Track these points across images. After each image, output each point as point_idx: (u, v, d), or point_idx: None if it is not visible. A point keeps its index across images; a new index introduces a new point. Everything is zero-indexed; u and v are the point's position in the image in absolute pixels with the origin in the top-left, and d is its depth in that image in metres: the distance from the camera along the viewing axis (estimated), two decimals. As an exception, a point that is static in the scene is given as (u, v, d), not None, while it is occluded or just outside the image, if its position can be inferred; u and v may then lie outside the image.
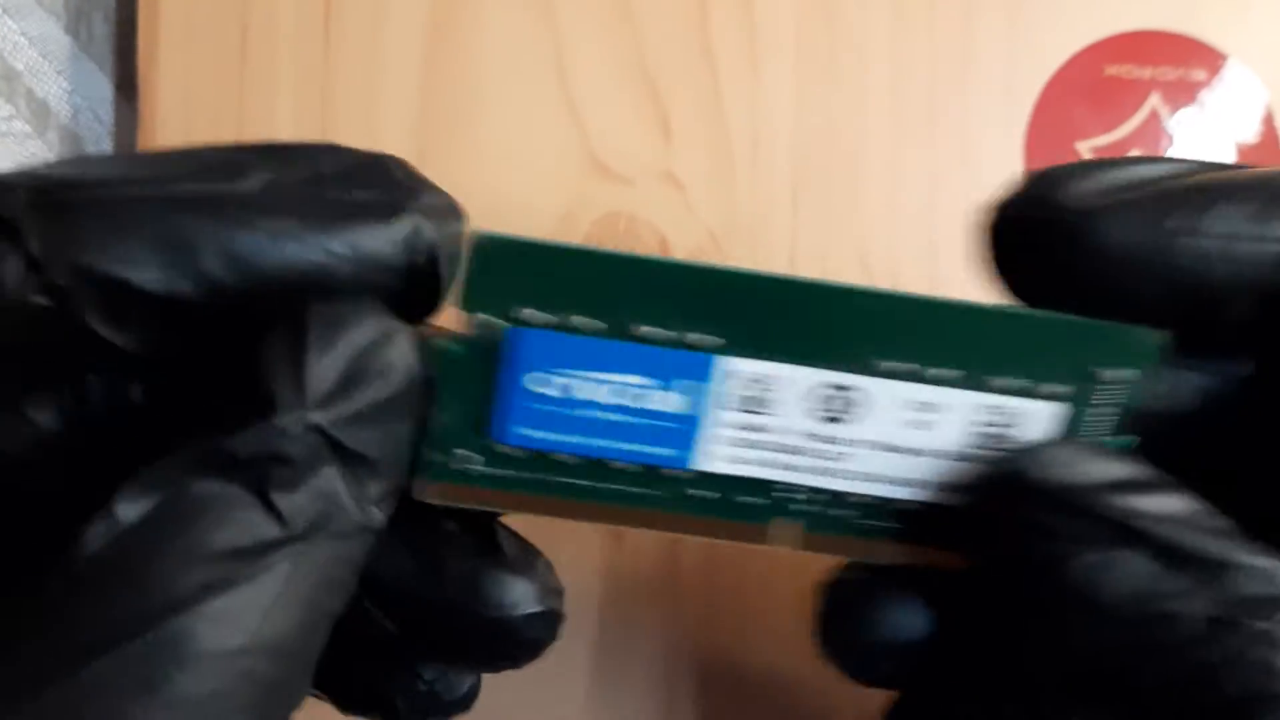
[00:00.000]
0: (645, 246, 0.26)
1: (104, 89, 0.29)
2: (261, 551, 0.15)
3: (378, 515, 0.16)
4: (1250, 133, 0.26)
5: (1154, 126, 0.26)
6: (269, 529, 0.15)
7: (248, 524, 0.15)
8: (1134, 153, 0.26)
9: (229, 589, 0.15)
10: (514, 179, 0.26)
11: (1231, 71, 0.26)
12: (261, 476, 0.15)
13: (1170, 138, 0.26)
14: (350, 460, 0.15)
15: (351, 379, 0.16)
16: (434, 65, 0.26)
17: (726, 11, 0.26)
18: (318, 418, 0.15)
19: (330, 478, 0.15)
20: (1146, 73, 0.26)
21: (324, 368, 0.15)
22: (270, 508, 0.15)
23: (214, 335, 0.17)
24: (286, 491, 0.15)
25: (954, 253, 0.26)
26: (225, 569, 0.15)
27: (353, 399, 0.15)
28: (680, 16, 0.26)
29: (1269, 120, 0.26)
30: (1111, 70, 0.26)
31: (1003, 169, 0.26)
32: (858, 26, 0.26)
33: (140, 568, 0.15)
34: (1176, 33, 0.26)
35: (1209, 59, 0.26)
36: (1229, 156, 0.26)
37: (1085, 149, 0.26)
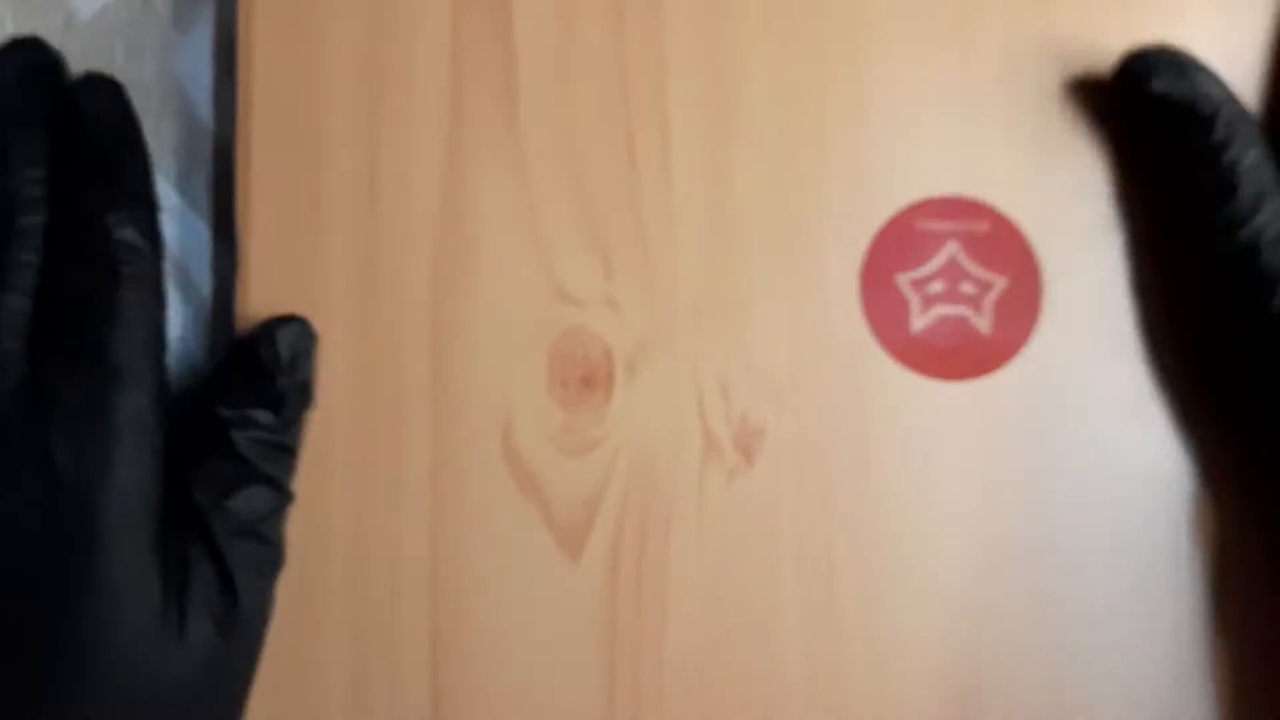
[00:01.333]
0: (592, 349, 0.36)
1: (204, 235, 0.39)
2: None
3: None
4: (1012, 269, 0.37)
5: (953, 265, 0.37)
6: None
7: None
8: (936, 285, 0.37)
9: None
10: (508, 305, 0.36)
11: (1004, 222, 0.37)
12: None
13: (965, 272, 0.36)
14: None
15: None
16: (447, 227, 0.36)
17: (651, 184, 0.36)
18: None
19: None
20: (946, 226, 0.37)
21: None
22: None
23: None
24: None
25: (813, 354, 0.36)
26: None
27: None
28: (619, 186, 0.36)
29: (1029, 254, 0.37)
30: (921, 225, 0.37)
31: (847, 293, 0.36)
32: (745, 192, 0.37)
33: None
34: (968, 197, 0.37)
35: (989, 215, 0.37)
36: (998, 285, 0.36)
37: (903, 280, 0.36)
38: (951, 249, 0.36)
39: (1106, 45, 0.36)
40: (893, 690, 0.35)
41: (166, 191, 0.39)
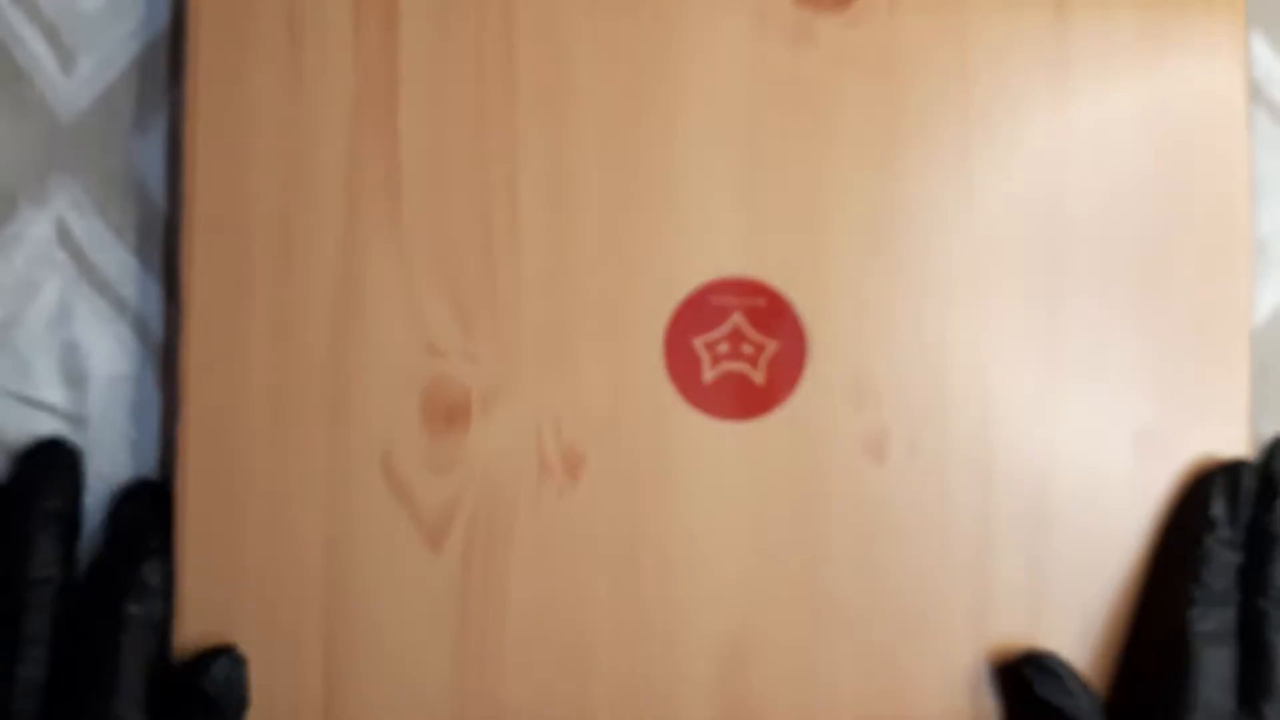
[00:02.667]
0: (455, 392, 0.45)
1: (157, 292, 0.48)
2: None
3: None
4: (783, 336, 0.46)
5: (736, 331, 0.46)
6: None
7: None
8: (723, 346, 0.46)
9: None
10: (390, 357, 0.45)
11: (777, 298, 0.46)
12: None
13: (745, 337, 0.46)
14: None
15: None
16: (343, 294, 0.45)
17: (503, 262, 0.45)
18: None
19: None
20: (733, 300, 0.46)
21: None
22: None
23: None
24: None
25: (626, 398, 0.45)
26: None
27: None
28: (478, 264, 0.45)
29: (798, 324, 0.46)
30: (712, 299, 0.46)
31: (653, 350, 0.46)
32: (576, 270, 0.46)
33: None
34: (747, 278, 0.46)
35: (765, 292, 0.46)
36: (771, 347, 0.46)
37: (698, 341, 0.46)
38: (736, 319, 0.46)
39: (874, 137, 0.46)
40: (679, 660, 0.45)
41: (127, 259, 0.47)
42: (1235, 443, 0.46)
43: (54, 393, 0.46)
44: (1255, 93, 0.50)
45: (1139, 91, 0.47)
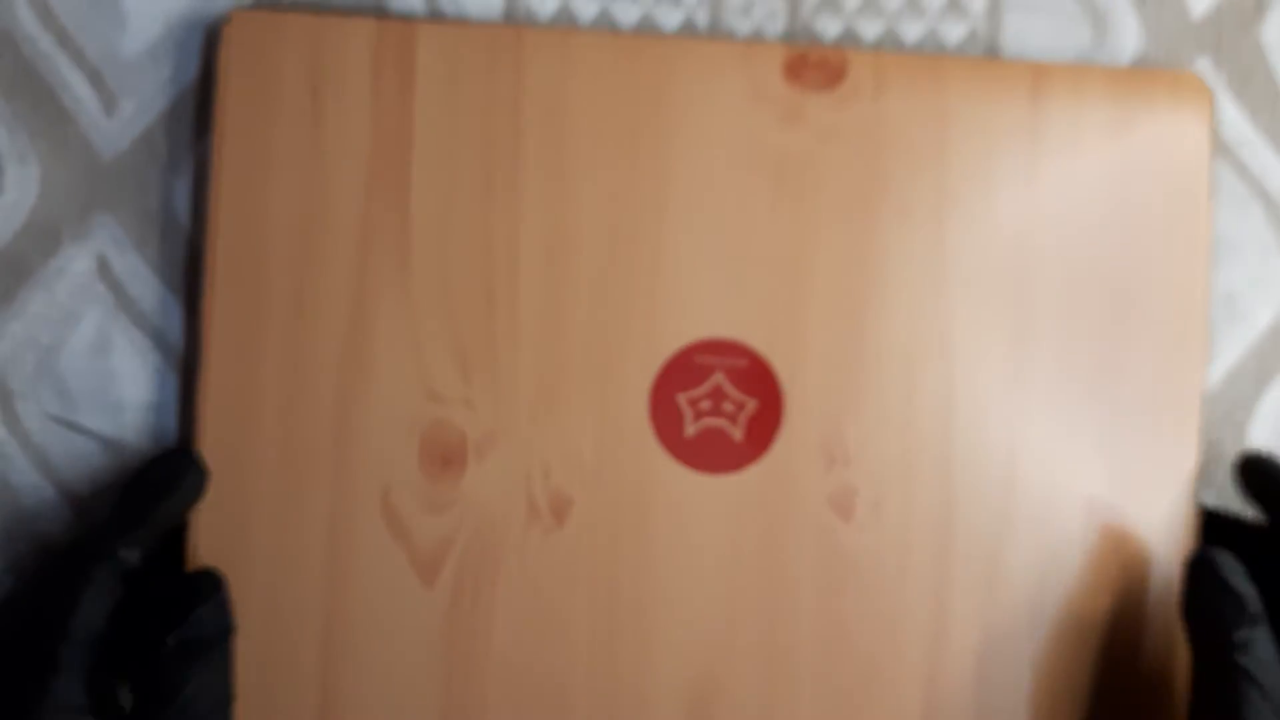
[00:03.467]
0: (452, 436, 0.48)
1: (179, 313, 0.51)
2: None
3: None
4: (762, 395, 0.48)
5: (718, 390, 0.48)
6: None
7: None
8: (705, 403, 0.48)
9: None
10: (392, 401, 0.48)
11: (757, 359, 0.48)
12: None
13: (727, 395, 0.48)
14: None
15: None
16: (351, 341, 0.48)
17: (503, 316, 0.48)
18: None
19: None
20: (714, 360, 0.48)
21: None
22: None
23: None
24: None
25: (612, 448, 0.48)
26: None
27: None
28: (479, 318, 0.48)
29: (775, 385, 0.48)
30: (696, 358, 0.48)
31: (639, 405, 0.48)
32: (570, 326, 0.48)
33: None
34: (730, 340, 0.48)
35: (747, 354, 0.48)
36: (750, 405, 0.48)
37: (681, 398, 0.48)
38: (718, 378, 0.48)
39: (854, 210, 0.48)
40: (650, 698, 0.48)
41: (163, 293, 0.50)
42: (1175, 515, 0.48)
43: (93, 418, 0.50)
44: (1226, 154, 0.51)
45: (1106, 168, 0.49)
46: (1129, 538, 0.48)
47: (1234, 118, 0.52)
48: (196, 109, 0.50)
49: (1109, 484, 0.48)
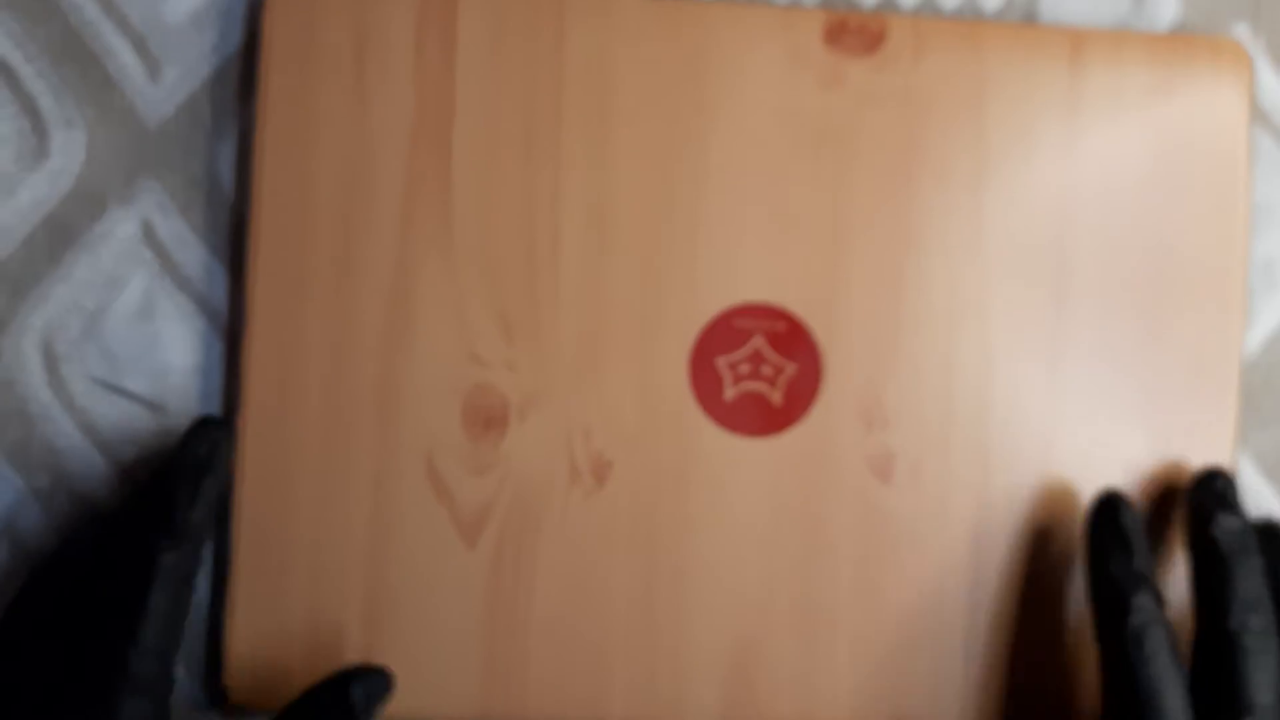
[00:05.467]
0: (494, 399, 0.48)
1: (223, 277, 0.51)
2: None
3: None
4: (801, 358, 0.48)
5: (757, 353, 0.48)
6: None
7: None
8: (744, 367, 0.48)
9: None
10: (435, 364, 0.48)
11: (796, 323, 0.48)
12: None
13: (765, 359, 0.48)
14: None
15: None
16: (395, 303, 0.48)
17: (544, 279, 0.48)
18: None
19: None
20: (755, 324, 0.48)
21: None
22: None
23: None
24: None
25: (652, 411, 0.48)
26: None
27: None
28: (521, 280, 0.48)
29: (814, 348, 0.48)
30: (736, 322, 0.48)
31: (679, 368, 0.48)
32: (610, 289, 0.48)
33: None
34: (769, 304, 0.48)
35: (785, 317, 0.48)
36: (790, 369, 0.48)
37: (721, 361, 0.48)
38: (757, 341, 0.48)
39: (892, 173, 0.48)
40: (689, 658, 0.48)
41: (207, 257, 0.51)
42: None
43: (138, 381, 0.50)
44: (1264, 120, 0.51)
45: (1145, 134, 0.49)
46: (1165, 502, 0.48)
47: (1272, 84, 0.52)
48: (241, 75, 0.50)
49: (1148, 449, 0.48)
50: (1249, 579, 0.44)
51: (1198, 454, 0.48)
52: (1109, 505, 0.46)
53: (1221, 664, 0.43)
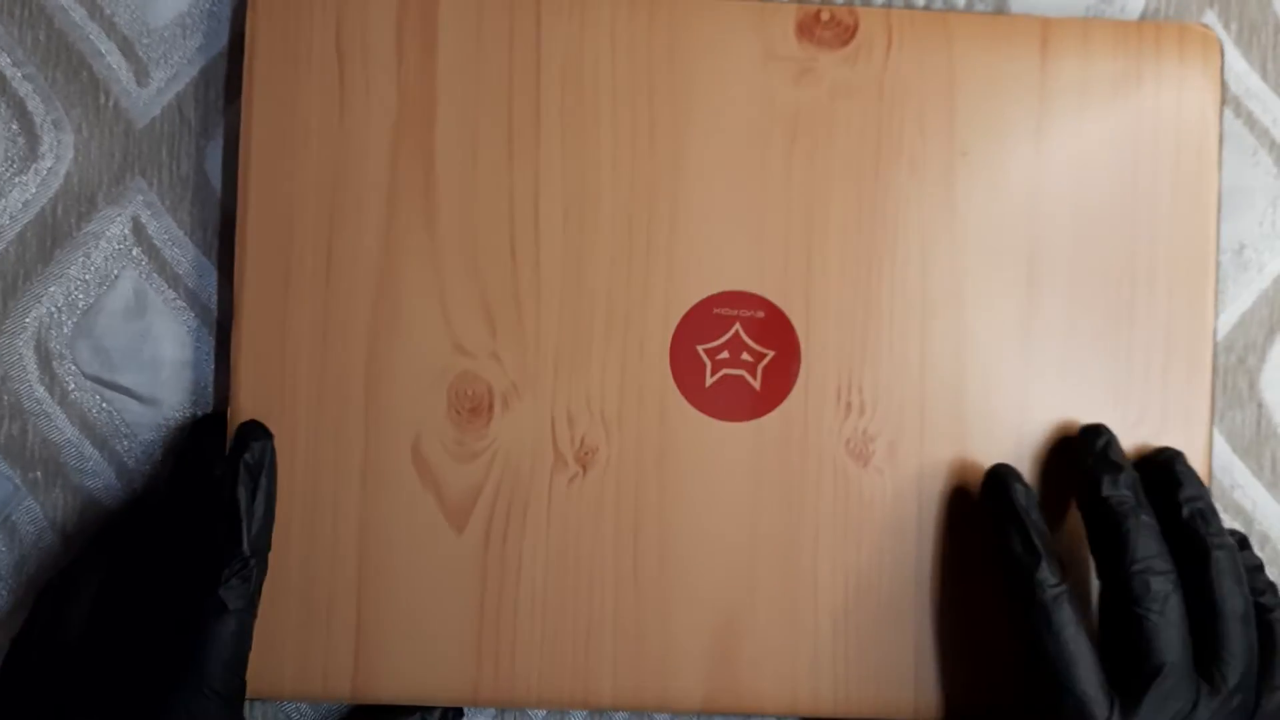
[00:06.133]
0: (479, 387, 0.49)
1: (213, 273, 0.52)
2: None
3: None
4: (779, 345, 0.49)
5: (737, 340, 0.49)
6: None
7: None
8: (724, 354, 0.49)
9: None
10: (421, 354, 0.49)
11: (775, 310, 0.49)
12: None
13: (745, 345, 0.49)
14: None
15: None
16: (381, 296, 0.49)
17: (526, 272, 0.49)
18: None
19: None
20: (733, 312, 0.49)
21: None
22: None
23: None
24: None
25: (635, 397, 0.49)
26: None
27: None
28: (503, 273, 0.49)
29: (793, 335, 0.49)
30: (716, 310, 0.49)
31: (660, 355, 0.49)
32: (591, 280, 0.49)
33: None
34: (748, 291, 0.49)
35: (764, 305, 0.49)
36: (768, 356, 0.49)
37: (701, 349, 0.49)
38: (737, 328, 0.49)
39: (866, 164, 0.49)
40: (674, 636, 0.49)
41: (195, 254, 0.52)
42: (1195, 454, 0.49)
43: (129, 377, 0.51)
44: (1235, 105, 0.52)
45: (1116, 118, 0.50)
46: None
47: (1242, 69, 0.53)
48: (227, 76, 0.51)
49: (1122, 431, 0.49)
50: (1144, 539, 0.45)
51: (1172, 435, 0.49)
52: (999, 482, 0.47)
53: (1129, 627, 0.44)
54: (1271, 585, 0.47)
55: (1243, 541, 0.49)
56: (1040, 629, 0.44)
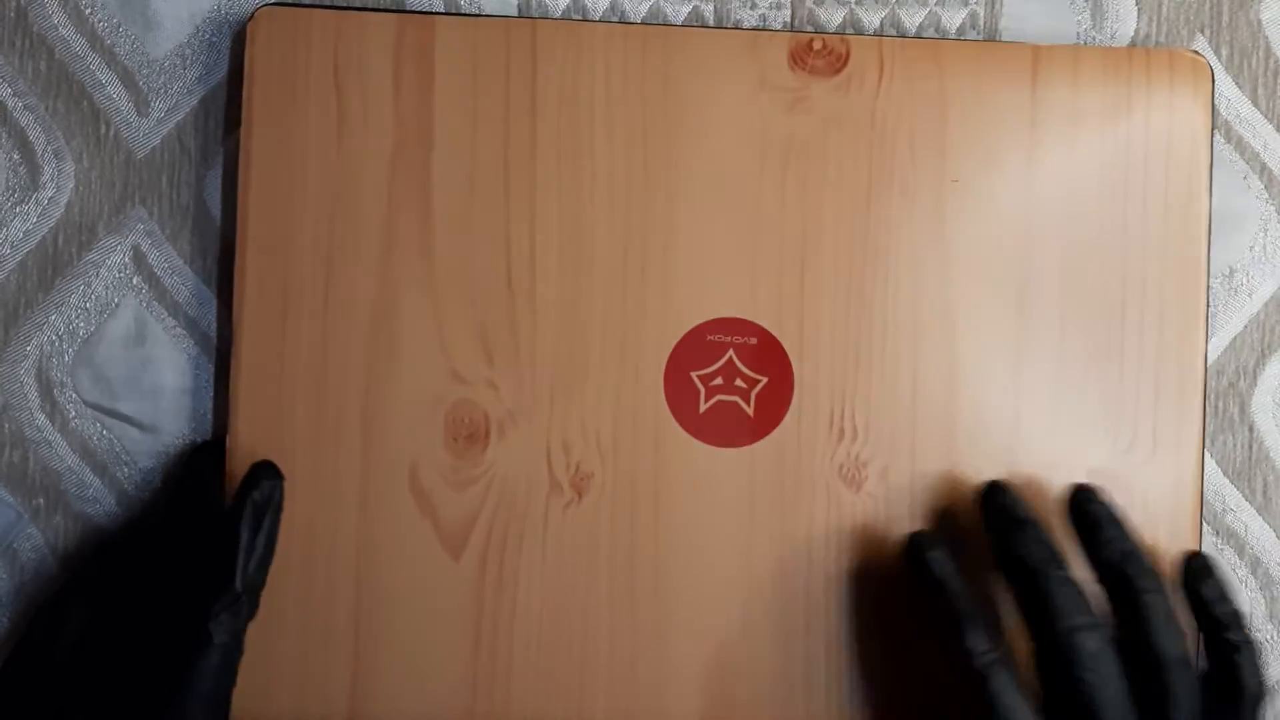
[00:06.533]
0: (476, 415, 0.50)
1: (211, 299, 0.53)
2: None
3: None
4: (773, 372, 0.50)
5: (730, 366, 0.50)
6: None
7: None
8: (717, 380, 0.50)
9: None
10: (418, 382, 0.50)
11: (768, 337, 0.50)
12: None
13: (739, 372, 0.50)
14: None
15: None
16: (378, 326, 0.50)
17: (522, 302, 0.50)
18: None
19: None
20: (726, 338, 0.50)
21: None
22: None
23: None
24: None
25: (629, 424, 0.49)
26: None
27: None
28: (500, 303, 0.50)
29: (786, 362, 0.50)
30: (709, 337, 0.50)
31: (654, 382, 0.50)
32: (586, 310, 0.50)
33: None
34: (742, 318, 0.50)
35: (758, 331, 0.50)
36: (762, 382, 0.50)
37: (695, 375, 0.50)
38: (730, 355, 0.50)
39: (858, 192, 0.49)
40: (670, 660, 0.49)
41: (195, 282, 0.52)
42: (1182, 484, 0.49)
43: (130, 404, 0.51)
44: (1225, 130, 0.53)
45: (1106, 146, 0.50)
46: (1133, 506, 0.49)
47: (1233, 95, 0.53)
48: (226, 107, 0.52)
49: (1111, 455, 0.49)
50: (1065, 596, 0.44)
51: (1164, 459, 0.50)
52: (917, 552, 0.46)
53: (1067, 687, 0.43)
54: (1237, 617, 0.46)
55: (1204, 569, 0.47)
56: (977, 698, 0.43)
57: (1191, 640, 0.45)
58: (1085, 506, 0.47)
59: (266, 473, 0.47)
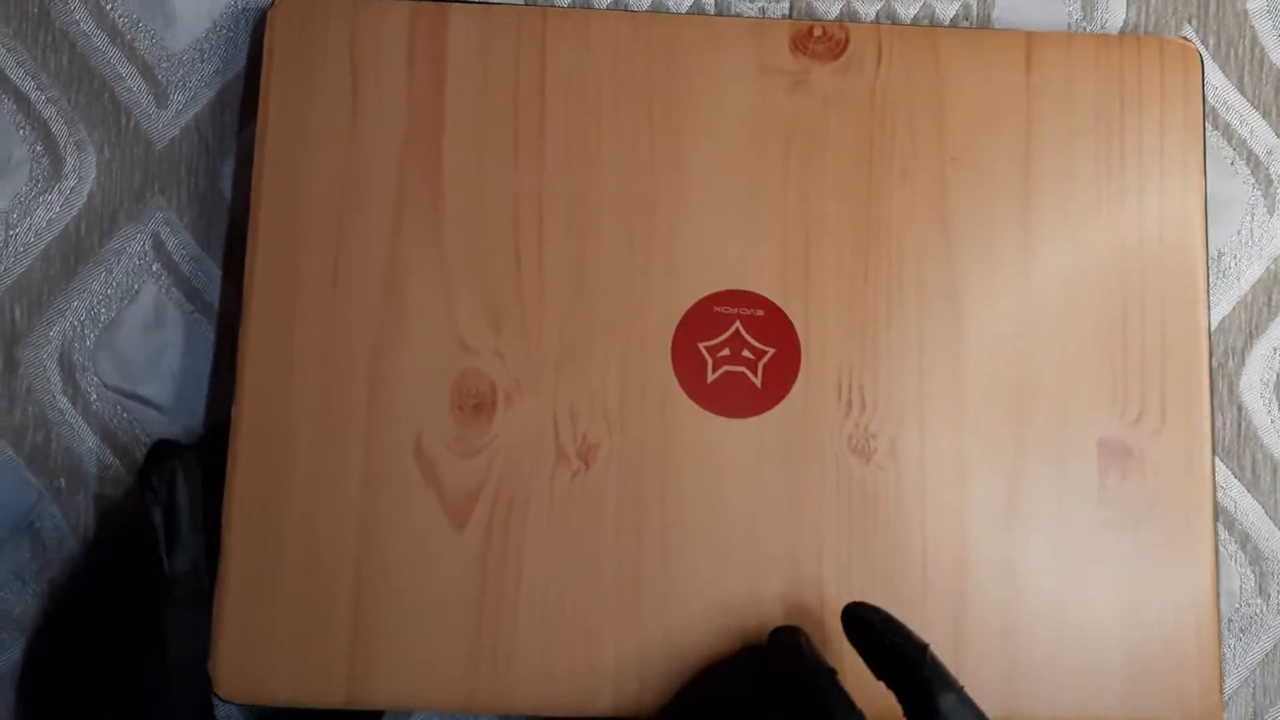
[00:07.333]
0: (482, 384, 0.50)
1: (218, 276, 0.54)
2: None
3: None
4: (779, 343, 0.51)
5: (737, 338, 0.50)
6: None
7: None
8: (725, 351, 0.50)
9: None
10: (425, 352, 0.50)
11: (774, 309, 0.51)
12: None
13: (746, 343, 0.51)
14: None
15: None
16: (388, 296, 0.51)
17: (530, 274, 0.50)
18: None
19: None
20: (733, 310, 0.51)
21: None
22: None
23: None
24: None
25: (636, 395, 0.50)
26: None
27: None
28: (508, 276, 0.51)
29: (793, 333, 0.51)
30: (716, 308, 0.51)
31: (662, 353, 0.50)
32: (593, 282, 0.51)
33: None
34: (748, 290, 0.51)
35: (764, 304, 0.51)
36: (769, 353, 0.51)
37: (702, 346, 0.50)
38: (737, 326, 0.50)
39: (859, 169, 0.51)
40: (677, 624, 0.49)
41: (212, 269, 0.53)
42: (1197, 455, 0.50)
43: (149, 387, 0.52)
44: (1213, 118, 0.54)
45: (1100, 130, 0.51)
46: (1139, 480, 0.50)
47: (1220, 83, 0.55)
48: (243, 99, 0.53)
49: (1121, 426, 0.50)
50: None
51: (1172, 429, 0.50)
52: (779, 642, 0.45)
53: None
54: (923, 650, 0.42)
55: (869, 610, 0.44)
56: None
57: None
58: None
59: (164, 450, 0.47)
